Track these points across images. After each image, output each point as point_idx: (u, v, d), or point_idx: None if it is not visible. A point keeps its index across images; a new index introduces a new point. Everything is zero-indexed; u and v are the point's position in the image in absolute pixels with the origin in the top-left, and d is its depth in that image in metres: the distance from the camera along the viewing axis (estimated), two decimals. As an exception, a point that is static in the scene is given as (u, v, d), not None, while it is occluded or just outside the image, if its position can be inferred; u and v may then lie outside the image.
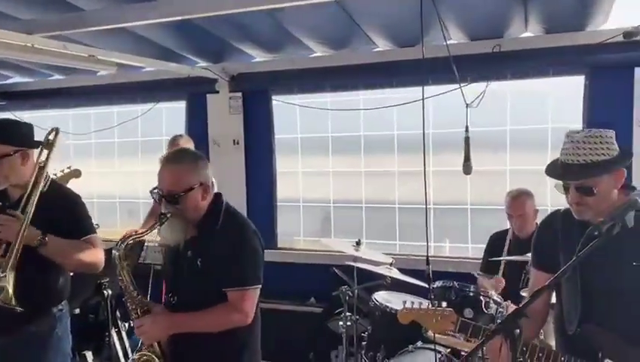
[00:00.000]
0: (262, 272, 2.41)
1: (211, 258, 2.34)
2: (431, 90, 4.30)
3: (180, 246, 2.39)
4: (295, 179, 5.36)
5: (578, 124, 4.31)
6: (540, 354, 1.89)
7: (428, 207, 4.66)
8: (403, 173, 4.91)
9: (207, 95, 5.34)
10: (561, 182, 1.99)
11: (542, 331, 2.46)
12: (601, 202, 1.92)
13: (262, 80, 5.16)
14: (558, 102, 4.48)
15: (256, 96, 5.24)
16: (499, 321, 3.00)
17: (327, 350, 4.50)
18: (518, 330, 1.76)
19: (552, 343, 2.34)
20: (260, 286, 2.40)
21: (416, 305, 2.14)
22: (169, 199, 2.31)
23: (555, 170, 1.98)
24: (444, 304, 2.08)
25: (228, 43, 4.75)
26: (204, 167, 2.40)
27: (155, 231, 2.39)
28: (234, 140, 5.27)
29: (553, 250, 2.02)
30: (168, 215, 2.31)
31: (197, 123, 5.42)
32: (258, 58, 5.10)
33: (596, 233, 1.84)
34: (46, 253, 2.51)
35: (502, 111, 4.60)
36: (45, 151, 2.68)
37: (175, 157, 2.41)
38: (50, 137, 2.70)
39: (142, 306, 2.38)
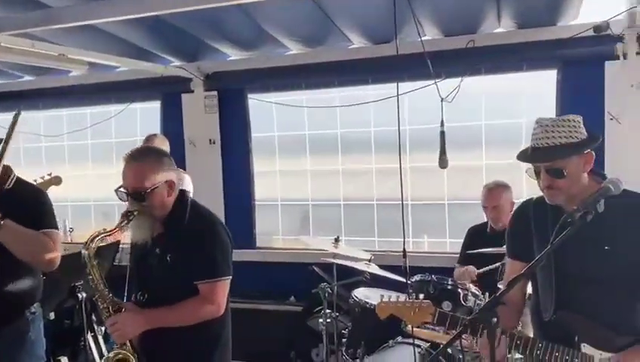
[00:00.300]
0: (231, 263, 2.44)
1: (180, 253, 2.35)
2: (407, 86, 4.32)
3: (147, 244, 2.40)
4: (273, 178, 5.33)
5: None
6: (518, 342, 1.91)
7: (406, 203, 4.75)
8: (381, 169, 4.92)
9: (182, 94, 5.29)
10: (532, 167, 2.00)
11: (520, 321, 2.47)
12: (572, 185, 1.94)
13: (237, 78, 5.13)
14: (532, 96, 4.53)
15: (231, 94, 5.20)
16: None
17: (308, 348, 4.48)
18: (495, 319, 1.78)
19: (531, 333, 2.36)
20: (230, 277, 2.42)
21: (393, 299, 2.14)
22: (135, 196, 2.31)
23: (526, 153, 2.01)
24: (421, 296, 2.08)
25: (202, 41, 4.71)
26: (169, 164, 2.41)
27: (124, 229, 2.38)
28: (210, 140, 5.22)
29: (527, 238, 2.04)
30: (135, 212, 2.31)
31: (172, 123, 5.36)
32: (233, 56, 5.06)
33: (569, 220, 1.86)
34: (2, 237, 2.45)
35: (477, 107, 4.64)
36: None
37: (139, 155, 2.40)
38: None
39: (113, 305, 2.37)
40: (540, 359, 1.91)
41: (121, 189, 2.35)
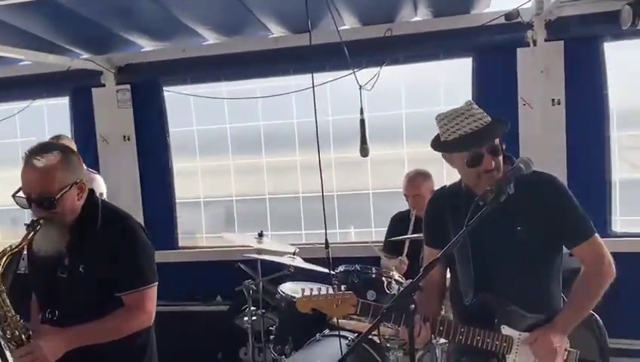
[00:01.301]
0: (155, 267, 2.24)
1: (96, 262, 2.11)
2: (328, 76, 4.28)
3: (53, 255, 2.11)
4: (194, 174, 5.13)
5: (469, 106, 4.46)
6: (441, 328, 1.90)
7: (331, 194, 4.71)
8: (305, 161, 4.85)
9: (92, 89, 5.00)
10: (474, 156, 1.95)
11: (443, 306, 2.46)
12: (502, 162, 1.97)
13: (151, 70, 4.89)
14: (450, 85, 4.60)
15: (146, 88, 4.96)
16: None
17: (236, 347, 4.35)
18: (412, 306, 1.74)
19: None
20: (157, 282, 2.24)
21: (315, 292, 2.06)
22: (41, 203, 2.03)
23: (467, 141, 1.93)
24: (343, 288, 2.02)
25: (112, 32, 4.43)
26: (78, 163, 2.17)
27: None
28: (124, 136, 4.96)
29: (443, 226, 2.04)
30: (41, 221, 2.03)
31: (82, 119, 5.05)
32: (146, 47, 4.81)
33: (481, 203, 1.86)
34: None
35: (397, 97, 4.66)
36: None
37: (42, 152, 2.07)
38: None
39: (25, 331, 2.05)
40: (462, 343, 1.91)
41: (20, 194, 2.06)
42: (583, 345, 1.96)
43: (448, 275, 2.21)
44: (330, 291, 2.10)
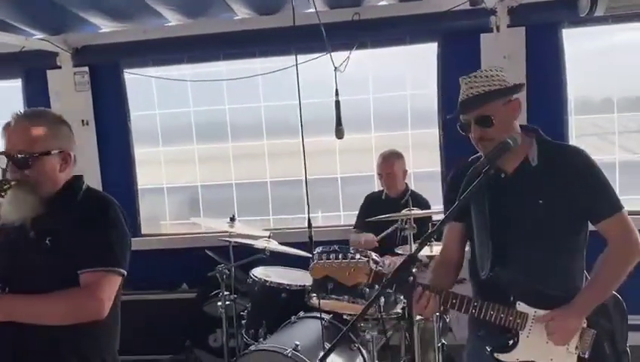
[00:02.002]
0: (128, 259, 2.02)
1: (66, 234, 1.90)
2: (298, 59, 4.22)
3: (17, 225, 1.91)
4: (157, 160, 4.99)
5: (433, 90, 4.54)
6: (454, 301, 1.87)
7: (297, 179, 4.70)
8: (272, 146, 4.81)
9: (48, 71, 4.77)
10: (464, 123, 1.96)
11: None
12: (502, 134, 1.89)
13: (111, 52, 4.70)
14: (416, 70, 4.65)
15: (105, 70, 4.78)
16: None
17: (205, 335, 4.29)
18: (411, 278, 1.76)
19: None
20: (124, 274, 1.99)
21: (328, 259, 2.03)
22: (17, 161, 1.88)
23: (459, 108, 1.96)
24: (357, 256, 2.00)
25: (69, 11, 4.21)
26: (68, 134, 2.00)
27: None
28: (83, 121, 4.76)
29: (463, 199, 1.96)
30: (12, 183, 1.86)
31: (37, 103, 4.71)
32: (105, 28, 4.62)
33: (472, 176, 1.88)
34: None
35: (364, 82, 4.68)
36: None
37: (33, 114, 1.96)
38: None
39: None
40: (475, 317, 1.89)
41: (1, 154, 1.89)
42: (600, 318, 1.89)
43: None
44: (338, 259, 2.04)
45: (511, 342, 1.87)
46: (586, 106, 4.49)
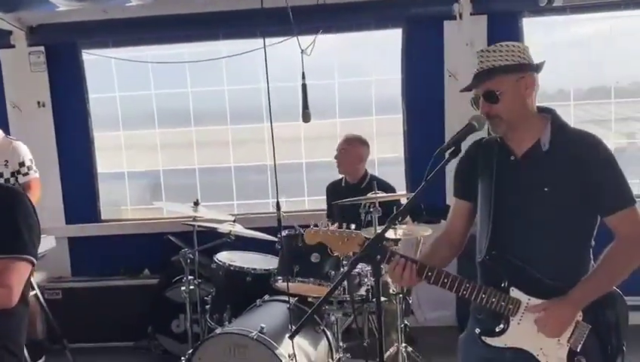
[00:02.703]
0: (37, 247, 2.02)
1: None
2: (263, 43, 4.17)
3: None
4: (117, 144, 4.87)
5: (397, 75, 4.58)
6: (445, 280, 1.82)
7: (262, 164, 4.67)
8: (236, 130, 4.76)
9: (1, 50, 4.57)
10: (475, 97, 1.90)
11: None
12: (511, 111, 1.82)
13: (68, 32, 4.55)
14: (381, 56, 4.67)
15: (62, 50, 4.62)
16: (345, 263, 3.06)
17: (168, 321, 4.23)
18: (379, 256, 1.78)
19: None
20: (35, 262, 1.99)
21: (324, 227, 2.02)
22: None
23: (471, 81, 1.90)
24: (352, 226, 1.99)
25: (23, -13, 4.07)
26: None
27: None
28: (38, 102, 4.60)
29: (471, 178, 1.98)
30: None
31: (-10, 82, 4.62)
32: (62, 7, 4.41)
33: (438, 157, 1.88)
34: None
35: (330, 67, 4.67)
36: None
37: None
38: None
39: None
40: (466, 299, 1.85)
41: None
42: (597, 320, 1.81)
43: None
44: (333, 227, 2.02)
45: (501, 327, 1.83)
46: (541, 97, 4.61)
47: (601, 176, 1.78)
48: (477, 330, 1.86)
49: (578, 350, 1.78)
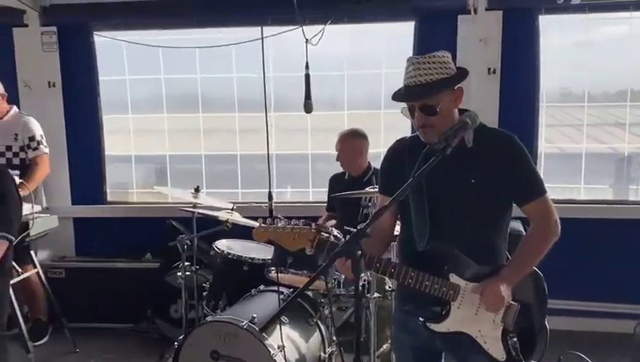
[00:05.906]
0: (17, 226, 2.08)
1: None
2: (272, 31, 4.16)
3: None
4: (125, 127, 4.88)
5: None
6: (392, 270, 1.92)
7: (273, 153, 4.66)
8: (244, 118, 4.74)
9: (14, 28, 4.61)
10: (407, 106, 1.99)
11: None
12: (444, 121, 1.94)
13: (81, 13, 4.56)
14: (393, 49, 4.60)
15: (74, 31, 4.63)
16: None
17: (167, 305, 4.26)
18: (359, 251, 1.75)
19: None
20: (13, 240, 2.07)
21: (273, 224, 2.01)
22: None
23: (400, 93, 1.99)
24: (301, 222, 1.98)
25: (37, -33, 4.09)
26: None
27: None
28: (49, 82, 4.64)
29: (399, 175, 2.03)
30: None
31: (2, 61, 4.65)
32: (76, -12, 4.48)
33: (428, 155, 1.88)
34: None
35: (339, 58, 4.62)
36: None
37: None
38: None
39: None
40: (408, 290, 1.93)
41: None
42: (523, 293, 2.02)
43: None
44: (282, 223, 2.03)
45: (443, 312, 1.96)
46: (559, 97, 4.51)
47: (517, 169, 1.98)
48: (420, 319, 2.00)
49: (511, 329, 1.96)
